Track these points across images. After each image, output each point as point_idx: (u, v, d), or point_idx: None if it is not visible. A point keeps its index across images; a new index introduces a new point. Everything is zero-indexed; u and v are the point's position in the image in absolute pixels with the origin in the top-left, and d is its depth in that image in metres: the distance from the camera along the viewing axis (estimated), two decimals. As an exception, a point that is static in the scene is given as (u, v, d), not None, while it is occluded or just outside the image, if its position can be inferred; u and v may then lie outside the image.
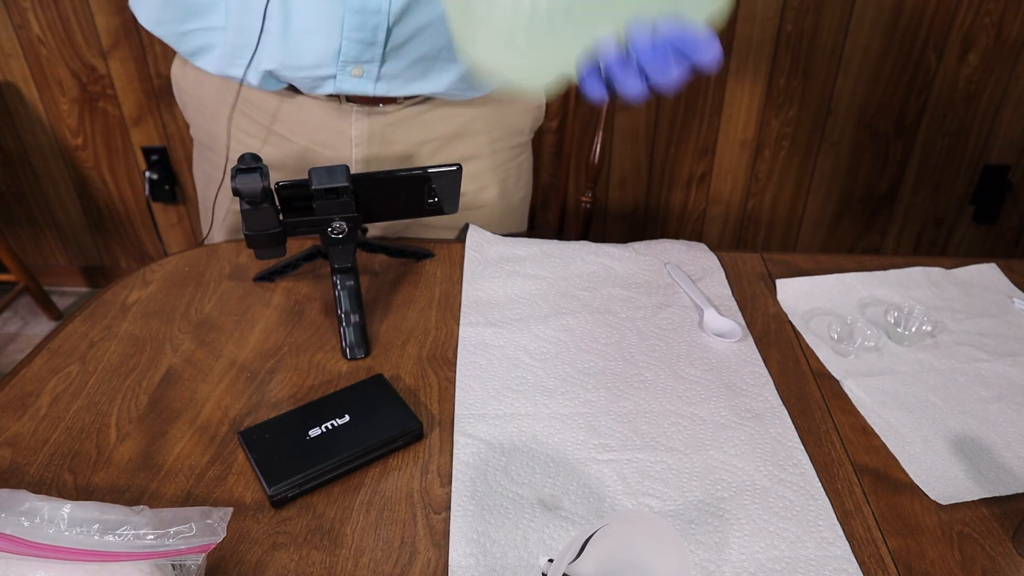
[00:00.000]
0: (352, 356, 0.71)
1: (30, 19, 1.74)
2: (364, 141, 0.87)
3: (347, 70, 0.78)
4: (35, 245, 2.13)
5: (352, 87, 0.80)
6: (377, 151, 0.88)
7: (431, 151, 0.90)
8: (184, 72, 0.92)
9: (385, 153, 0.88)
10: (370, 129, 0.86)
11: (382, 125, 0.87)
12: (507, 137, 0.95)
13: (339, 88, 0.80)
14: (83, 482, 0.58)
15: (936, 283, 0.84)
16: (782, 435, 0.64)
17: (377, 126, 0.86)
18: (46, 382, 0.67)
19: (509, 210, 0.99)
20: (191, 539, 0.47)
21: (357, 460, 0.59)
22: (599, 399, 0.67)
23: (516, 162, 0.98)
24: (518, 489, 0.58)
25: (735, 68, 1.76)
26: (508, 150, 0.96)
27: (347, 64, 0.78)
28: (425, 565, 0.53)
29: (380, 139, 0.87)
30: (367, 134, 0.87)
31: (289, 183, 0.70)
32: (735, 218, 1.99)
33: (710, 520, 0.56)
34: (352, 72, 0.79)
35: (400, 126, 0.87)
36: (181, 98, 0.96)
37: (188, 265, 0.84)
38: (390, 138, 0.88)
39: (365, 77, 0.80)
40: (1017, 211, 1.95)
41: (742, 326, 0.76)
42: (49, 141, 1.92)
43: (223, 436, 0.62)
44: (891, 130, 1.84)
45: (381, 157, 0.89)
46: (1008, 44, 1.72)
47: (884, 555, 0.54)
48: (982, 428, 0.65)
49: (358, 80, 0.80)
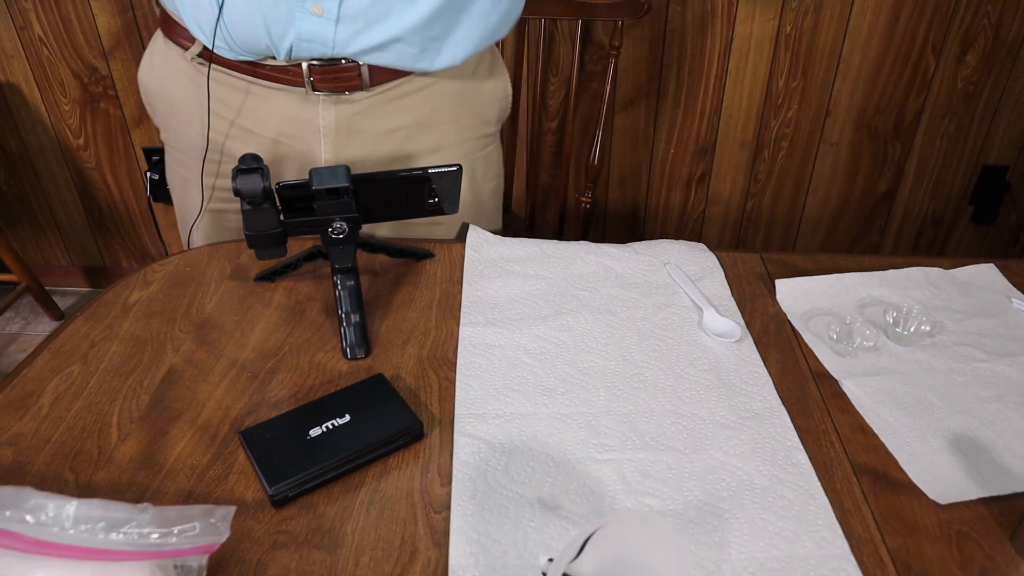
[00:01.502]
0: (352, 356, 0.71)
1: (32, 20, 1.74)
2: (332, 131, 0.87)
3: (306, 6, 0.76)
4: (36, 245, 2.13)
5: (311, 29, 0.78)
6: (345, 141, 0.88)
7: (399, 141, 0.90)
8: (151, 75, 0.93)
9: (353, 143, 0.89)
10: (337, 118, 0.87)
11: (349, 114, 0.87)
12: (474, 127, 0.96)
13: (299, 32, 0.78)
14: (84, 481, 0.58)
15: (935, 283, 0.84)
16: (781, 435, 0.64)
17: (344, 115, 0.87)
18: (48, 382, 0.68)
19: (479, 202, 1.00)
20: (195, 538, 0.47)
21: (357, 460, 0.59)
22: (599, 399, 0.67)
23: (483, 153, 0.99)
24: (518, 489, 0.58)
25: (735, 68, 1.76)
26: (475, 140, 0.97)
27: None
28: (425, 564, 0.53)
29: (348, 129, 0.88)
30: (334, 124, 0.87)
31: (290, 183, 0.71)
32: (734, 218, 1.99)
33: (709, 519, 0.56)
34: (312, 9, 0.77)
35: (367, 115, 0.87)
36: (150, 102, 0.96)
37: (189, 265, 0.84)
38: (357, 127, 0.88)
39: (325, 17, 0.77)
40: (1015, 211, 1.95)
41: (741, 326, 0.77)
42: (50, 141, 1.92)
43: (224, 436, 0.63)
44: (890, 130, 1.84)
45: (349, 147, 0.89)
46: (1006, 45, 1.72)
47: (883, 554, 0.55)
48: (981, 428, 0.65)
49: (318, 21, 0.78)
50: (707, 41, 1.73)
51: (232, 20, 0.78)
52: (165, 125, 0.95)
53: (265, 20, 0.78)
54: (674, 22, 1.70)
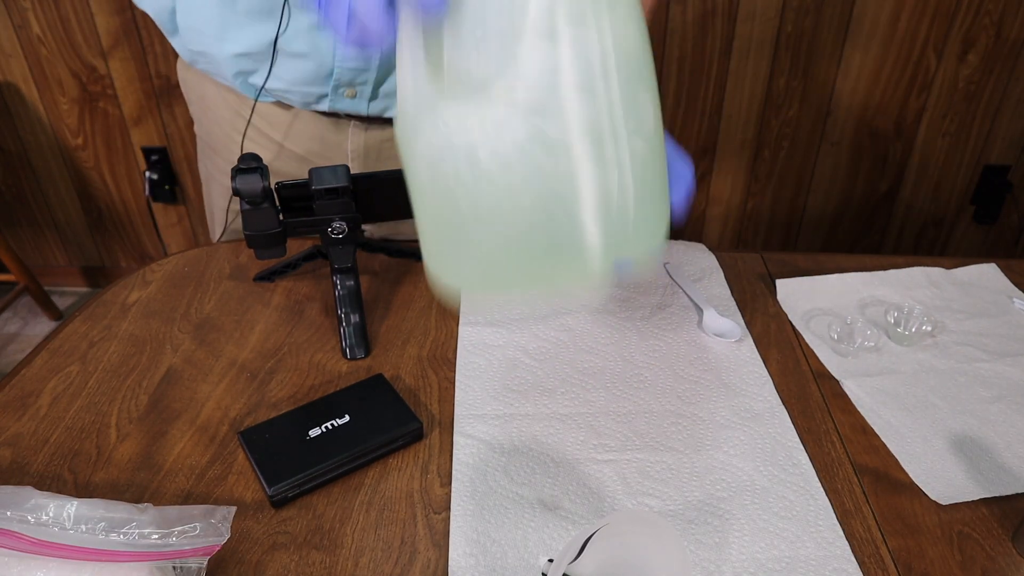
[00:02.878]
0: (352, 356, 0.71)
1: (30, 19, 1.74)
2: (360, 155, 0.87)
3: (340, 92, 0.79)
4: (35, 245, 2.13)
5: (346, 106, 0.81)
6: (373, 165, 0.88)
7: None
8: (188, 71, 0.92)
9: (382, 167, 0.88)
10: (366, 144, 0.87)
11: (379, 140, 0.87)
12: None
13: (333, 107, 0.81)
14: (83, 481, 0.58)
15: (936, 283, 0.84)
16: (782, 435, 0.64)
17: (373, 141, 0.87)
18: (46, 382, 0.67)
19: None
20: (195, 539, 0.47)
21: (357, 460, 0.59)
22: (599, 399, 0.67)
23: None
24: (518, 489, 0.58)
25: (735, 68, 1.76)
26: None
27: (340, 87, 0.78)
28: (425, 565, 0.53)
29: (376, 154, 0.88)
30: (363, 149, 0.87)
31: (289, 183, 0.71)
32: (735, 218, 1.99)
33: (710, 520, 0.56)
34: (345, 94, 0.79)
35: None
36: (187, 95, 0.96)
37: (188, 265, 0.84)
38: (387, 153, 0.88)
39: (359, 97, 0.80)
40: (1017, 211, 1.95)
41: (741, 326, 0.77)
42: (49, 141, 1.92)
43: (223, 436, 0.62)
44: (891, 130, 1.84)
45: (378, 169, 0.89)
46: (1008, 44, 1.72)
47: (884, 555, 0.54)
48: (982, 428, 0.65)
49: (351, 100, 0.80)
50: (707, 41, 1.72)
51: (271, 86, 0.80)
52: (198, 119, 0.95)
53: (302, 96, 0.80)
54: (674, 22, 1.70)
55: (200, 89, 0.91)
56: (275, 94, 0.81)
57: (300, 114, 0.85)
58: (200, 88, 0.90)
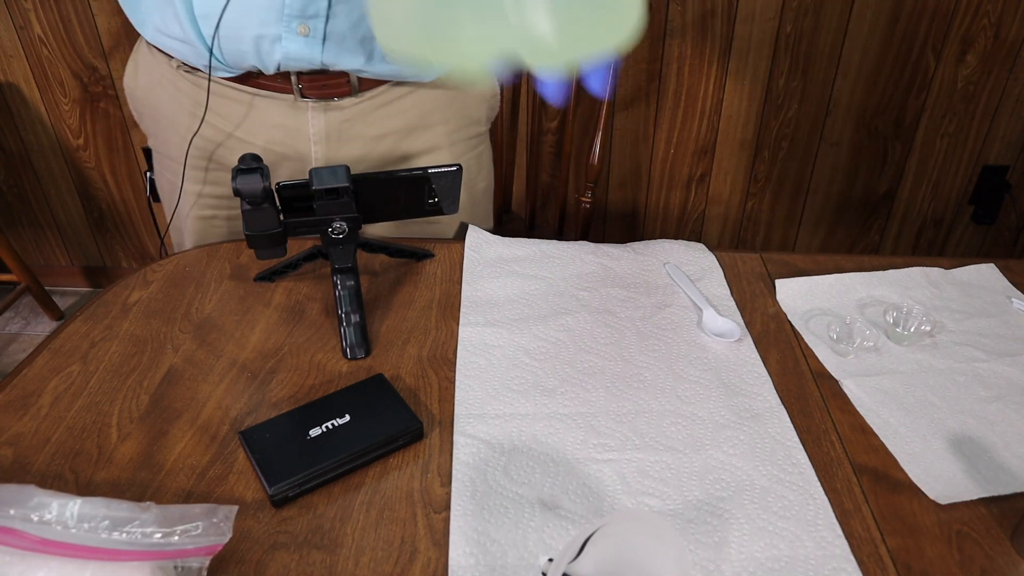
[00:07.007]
0: (352, 356, 0.71)
1: (32, 20, 1.74)
2: (322, 138, 0.87)
3: (293, 26, 0.77)
4: (36, 245, 2.13)
5: (299, 49, 0.79)
6: (336, 147, 0.88)
7: (390, 145, 0.90)
8: (136, 81, 0.92)
9: (344, 149, 0.89)
10: (327, 125, 0.86)
11: (339, 121, 0.87)
12: (464, 128, 0.96)
13: (286, 52, 0.78)
14: (84, 481, 0.58)
15: (935, 283, 0.84)
16: (781, 435, 0.64)
17: (334, 122, 0.86)
18: (47, 382, 0.68)
19: (473, 201, 1.01)
20: (197, 538, 0.47)
21: (357, 460, 0.59)
22: (598, 399, 0.67)
23: (475, 152, 0.99)
24: (518, 489, 0.58)
25: (734, 68, 1.76)
26: (466, 141, 0.97)
27: (292, 19, 0.76)
28: (425, 565, 0.53)
29: (338, 135, 0.87)
30: (324, 131, 0.87)
31: (290, 183, 0.71)
32: (734, 218, 1.99)
33: (709, 519, 0.56)
34: (298, 29, 0.77)
35: (357, 121, 0.87)
36: (137, 109, 0.95)
37: (189, 265, 0.84)
38: (348, 134, 0.88)
39: (312, 36, 0.78)
40: (1015, 211, 1.96)
41: (741, 326, 0.77)
42: (50, 141, 1.92)
43: (224, 436, 0.63)
44: (890, 131, 1.84)
45: (341, 153, 0.89)
46: (1006, 45, 1.72)
47: (883, 554, 0.55)
48: (981, 428, 0.65)
49: (305, 40, 0.78)
50: (707, 41, 1.73)
51: (221, 38, 0.78)
52: (152, 132, 0.95)
53: (255, 41, 0.78)
54: (674, 22, 1.70)
55: (152, 99, 0.90)
56: (228, 55, 0.79)
57: (258, 103, 0.85)
58: (152, 97, 0.90)
